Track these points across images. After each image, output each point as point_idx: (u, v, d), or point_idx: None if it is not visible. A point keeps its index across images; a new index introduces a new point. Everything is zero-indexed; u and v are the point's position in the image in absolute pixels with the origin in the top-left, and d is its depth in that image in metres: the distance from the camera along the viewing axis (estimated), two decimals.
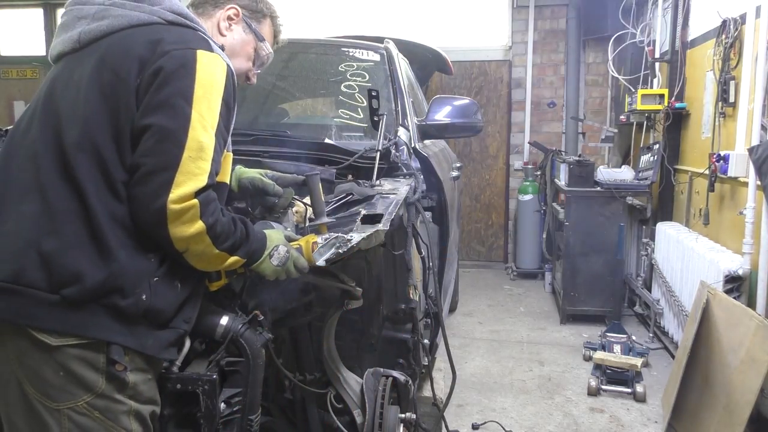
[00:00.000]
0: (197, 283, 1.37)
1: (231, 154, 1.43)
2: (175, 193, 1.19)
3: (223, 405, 1.44)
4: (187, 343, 1.41)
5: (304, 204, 1.76)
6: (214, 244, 1.26)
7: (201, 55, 1.29)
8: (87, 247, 1.20)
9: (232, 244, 1.30)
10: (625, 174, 4.58)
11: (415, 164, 2.37)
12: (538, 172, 5.70)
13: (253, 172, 1.74)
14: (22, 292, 1.19)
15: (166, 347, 1.31)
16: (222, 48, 1.42)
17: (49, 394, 1.22)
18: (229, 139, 1.39)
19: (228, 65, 1.34)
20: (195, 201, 1.20)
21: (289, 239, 1.48)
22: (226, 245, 1.29)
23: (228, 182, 1.45)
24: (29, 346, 1.21)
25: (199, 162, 1.22)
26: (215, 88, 1.28)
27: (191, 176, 1.21)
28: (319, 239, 1.48)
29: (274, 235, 1.44)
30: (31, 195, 1.24)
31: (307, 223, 1.70)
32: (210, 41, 1.36)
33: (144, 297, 1.23)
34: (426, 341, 2.29)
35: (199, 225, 1.22)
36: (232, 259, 1.32)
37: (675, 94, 4.23)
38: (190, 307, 1.35)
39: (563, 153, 5.54)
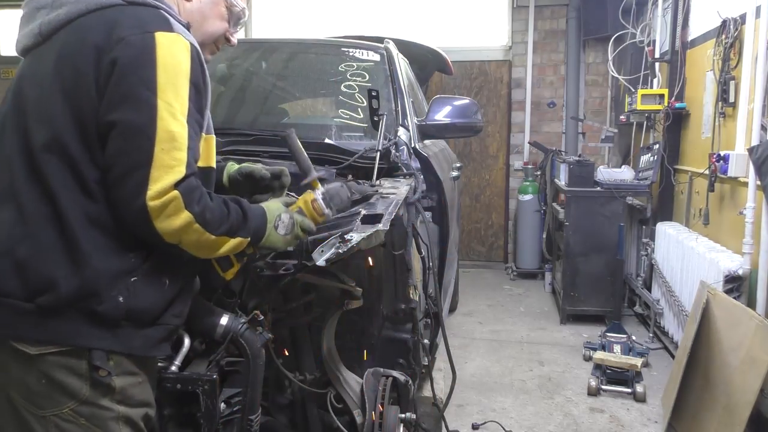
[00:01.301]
0: (188, 278, 1.33)
1: (213, 136, 1.36)
2: (153, 189, 1.13)
3: (223, 405, 1.45)
4: (187, 343, 1.41)
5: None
6: (207, 231, 1.20)
7: (160, 37, 1.19)
8: (60, 253, 1.16)
9: (230, 227, 1.25)
10: (625, 174, 4.58)
11: (415, 164, 2.37)
12: (538, 172, 5.71)
13: (242, 164, 1.70)
14: None
15: (156, 345, 1.26)
16: (188, 27, 1.31)
17: (34, 402, 1.19)
18: (210, 122, 1.32)
19: (192, 44, 1.25)
20: (175, 192, 1.15)
21: (286, 204, 1.45)
22: (222, 229, 1.23)
23: (213, 166, 1.38)
24: (10, 356, 1.18)
25: (174, 153, 1.16)
26: (180, 72, 1.20)
27: (167, 169, 1.15)
28: (316, 194, 1.47)
29: (272, 205, 1.39)
30: (7, 201, 1.20)
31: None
32: (170, 20, 1.25)
33: (121, 299, 1.18)
34: (426, 341, 2.29)
35: (185, 216, 1.16)
36: (235, 241, 1.27)
37: (675, 94, 4.22)
38: (180, 303, 1.30)
39: (563, 153, 5.54)
